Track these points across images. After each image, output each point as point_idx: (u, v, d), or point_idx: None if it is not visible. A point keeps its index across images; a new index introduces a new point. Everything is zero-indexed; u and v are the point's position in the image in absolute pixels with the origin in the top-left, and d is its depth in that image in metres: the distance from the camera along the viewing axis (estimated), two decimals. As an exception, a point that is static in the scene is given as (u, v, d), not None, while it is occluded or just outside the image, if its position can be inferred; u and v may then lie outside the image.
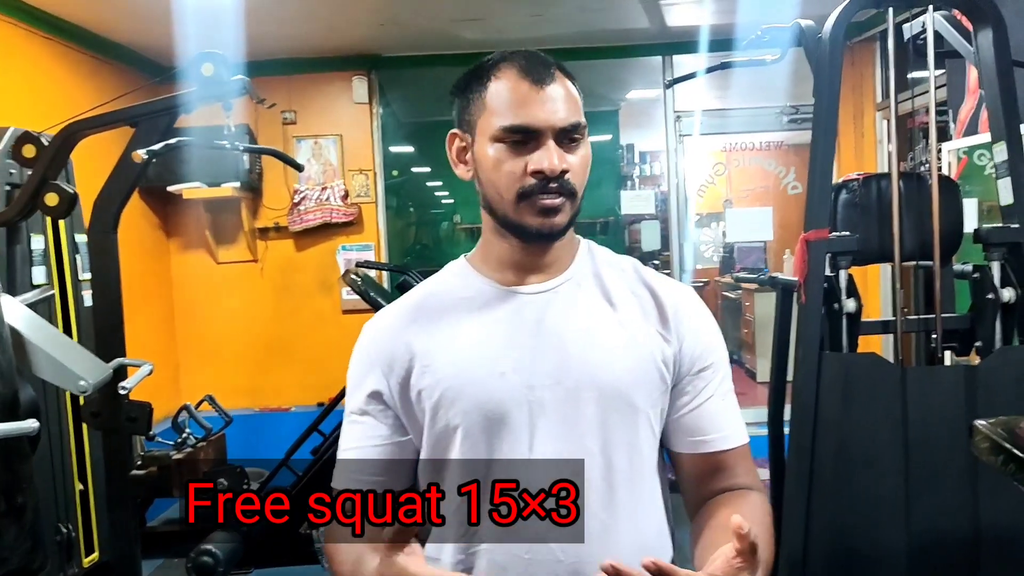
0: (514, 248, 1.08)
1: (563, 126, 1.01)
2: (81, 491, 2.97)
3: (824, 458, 2.21)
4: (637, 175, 7.71)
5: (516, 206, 1.02)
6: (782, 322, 2.62)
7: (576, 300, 1.08)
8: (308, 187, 4.86)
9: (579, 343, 1.05)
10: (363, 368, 1.10)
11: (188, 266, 5.02)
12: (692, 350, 1.09)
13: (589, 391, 1.03)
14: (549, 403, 1.02)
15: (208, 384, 4.92)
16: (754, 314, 6.47)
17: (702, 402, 1.09)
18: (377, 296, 3.58)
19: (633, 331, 1.07)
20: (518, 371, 1.03)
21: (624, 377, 1.04)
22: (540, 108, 1.00)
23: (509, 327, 1.06)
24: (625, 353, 1.05)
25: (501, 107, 1.02)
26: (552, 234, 1.04)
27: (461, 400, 1.03)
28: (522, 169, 1.01)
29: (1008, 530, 2.14)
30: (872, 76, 4.76)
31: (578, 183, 1.03)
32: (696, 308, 1.12)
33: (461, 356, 1.05)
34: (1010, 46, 2.24)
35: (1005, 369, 2.16)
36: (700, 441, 1.09)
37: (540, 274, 1.09)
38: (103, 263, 2.58)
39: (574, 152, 1.03)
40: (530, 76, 1.02)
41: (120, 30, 4.14)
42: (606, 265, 1.13)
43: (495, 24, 4.33)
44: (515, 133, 1.01)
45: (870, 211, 2.30)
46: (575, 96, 1.04)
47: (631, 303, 1.09)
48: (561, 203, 1.02)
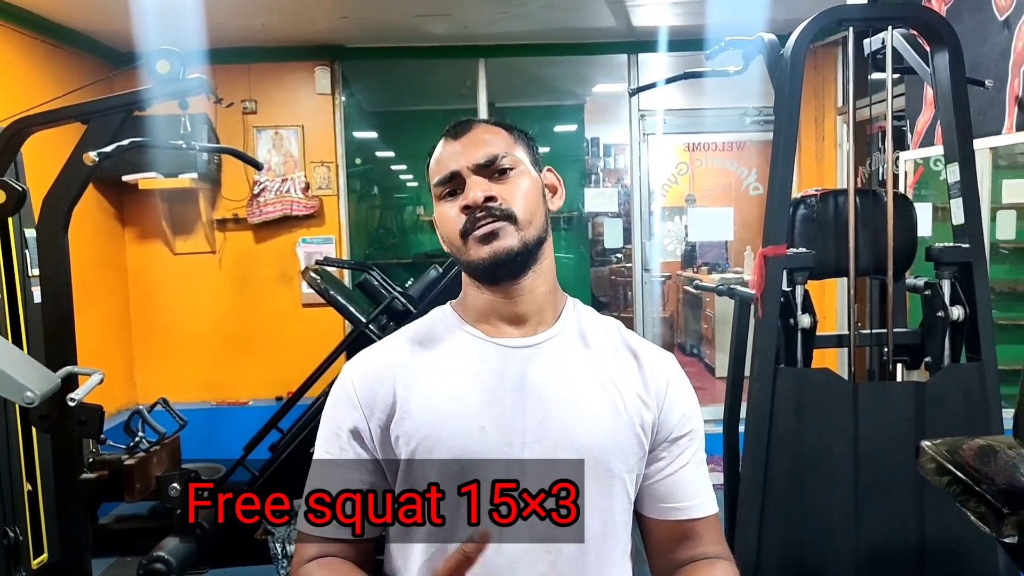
0: (489, 297, 1.08)
1: (480, 161, 1.06)
2: (30, 492, 2.91)
3: (778, 470, 2.24)
4: (602, 168, 7.72)
5: (464, 246, 1.05)
6: (739, 333, 2.65)
7: (560, 358, 1.08)
8: (268, 179, 4.79)
9: (561, 403, 1.04)
10: (344, 406, 1.08)
11: (144, 256, 4.92)
12: (671, 418, 1.09)
13: (567, 453, 1.02)
14: (527, 463, 1.02)
15: (164, 377, 4.86)
16: (714, 310, 6.54)
17: (676, 470, 1.09)
18: (337, 295, 3.54)
19: (615, 395, 1.07)
20: (498, 427, 1.03)
21: (603, 442, 1.04)
22: (459, 156, 1.07)
23: (491, 380, 1.05)
24: (606, 417, 1.05)
25: (434, 170, 1.10)
26: (503, 261, 1.04)
27: (438, 451, 1.02)
28: (457, 212, 1.06)
29: (952, 542, 2.20)
30: (834, 80, 4.81)
31: (517, 208, 1.05)
32: (677, 376, 1.13)
33: (441, 406, 1.04)
34: (965, 65, 2.28)
35: (952, 386, 2.21)
36: (671, 508, 1.09)
37: (522, 327, 1.09)
38: (53, 264, 2.52)
39: (504, 182, 1.06)
40: (451, 134, 1.10)
41: (75, 16, 4.02)
42: (591, 325, 1.13)
43: (461, 19, 4.29)
44: (443, 185, 1.08)
45: (827, 227, 2.33)
46: (501, 136, 1.09)
47: (614, 365, 1.09)
48: (499, 227, 1.03)
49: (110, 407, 3.44)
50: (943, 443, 1.71)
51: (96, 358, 4.02)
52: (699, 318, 7.24)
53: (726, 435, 2.80)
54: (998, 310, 3.97)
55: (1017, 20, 2.77)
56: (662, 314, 6.68)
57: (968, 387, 2.21)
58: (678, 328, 7.58)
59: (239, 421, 4.40)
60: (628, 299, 5.76)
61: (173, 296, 4.91)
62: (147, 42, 3.37)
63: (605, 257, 6.98)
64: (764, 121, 5.02)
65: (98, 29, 4.26)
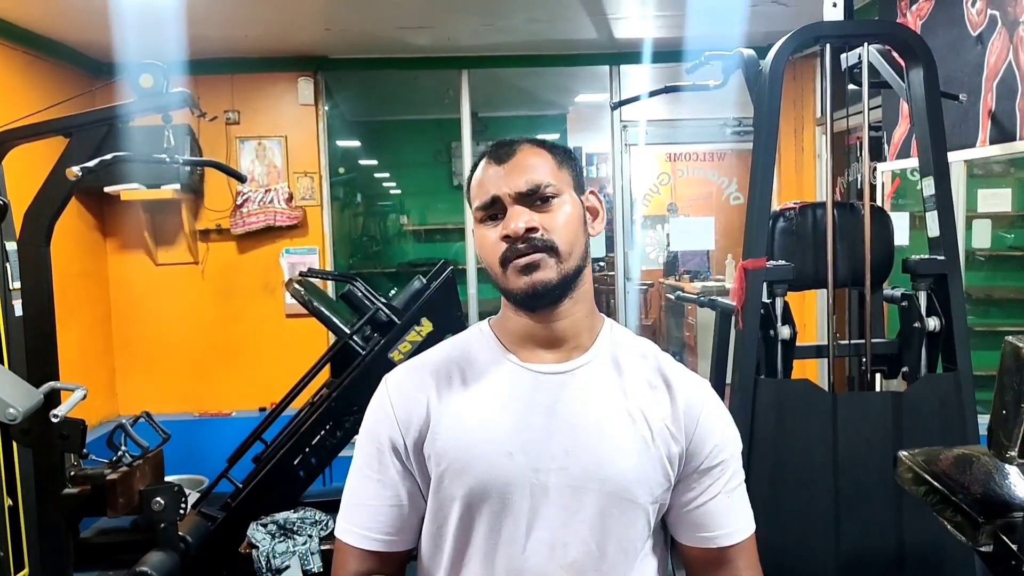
0: (524, 320, 1.09)
1: (523, 190, 1.05)
2: (10, 507, 2.89)
3: (759, 479, 2.27)
4: (584, 177, 7.76)
5: (503, 275, 1.06)
6: (720, 344, 2.68)
7: (591, 386, 1.08)
8: (251, 189, 4.78)
9: (589, 432, 1.05)
10: (382, 421, 1.10)
11: (126, 267, 4.89)
12: (700, 449, 1.09)
13: (593, 483, 1.04)
14: (553, 489, 1.03)
15: (146, 389, 4.83)
16: (696, 318, 6.58)
17: (708, 500, 1.10)
18: (321, 306, 3.54)
19: (643, 426, 1.07)
20: (526, 453, 1.04)
21: (629, 474, 1.05)
22: (501, 181, 1.06)
23: (522, 406, 1.06)
24: (633, 448, 1.06)
25: (475, 192, 1.09)
26: (542, 292, 1.04)
27: (466, 474, 1.04)
28: (498, 239, 1.05)
29: (930, 550, 2.23)
30: (813, 91, 4.87)
31: (559, 239, 1.04)
32: (710, 406, 1.12)
33: (471, 429, 1.06)
34: (939, 80, 2.33)
35: (929, 396, 2.25)
36: (704, 537, 1.10)
37: (557, 351, 1.10)
38: (35, 278, 2.52)
39: (547, 211, 1.06)
40: (494, 158, 1.09)
41: (56, 27, 4.00)
42: (626, 350, 1.13)
43: (445, 31, 4.31)
44: (485, 210, 1.07)
45: (805, 239, 2.37)
46: (546, 161, 1.08)
47: (646, 395, 1.09)
48: (538, 259, 1.03)
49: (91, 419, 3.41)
50: (920, 453, 1.75)
51: (77, 370, 4.00)
52: (681, 326, 7.29)
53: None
54: (974, 317, 4.03)
55: (990, 35, 2.83)
56: (644, 322, 6.72)
57: (944, 396, 2.25)
58: (660, 336, 7.61)
59: (222, 433, 4.38)
60: (611, 307, 5.78)
61: (155, 307, 4.88)
62: (130, 53, 3.37)
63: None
64: (743, 132, 5.08)
65: (80, 40, 4.24)
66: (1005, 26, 2.75)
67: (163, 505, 2.61)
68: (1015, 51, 2.70)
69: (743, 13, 3.85)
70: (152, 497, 2.62)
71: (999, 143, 2.81)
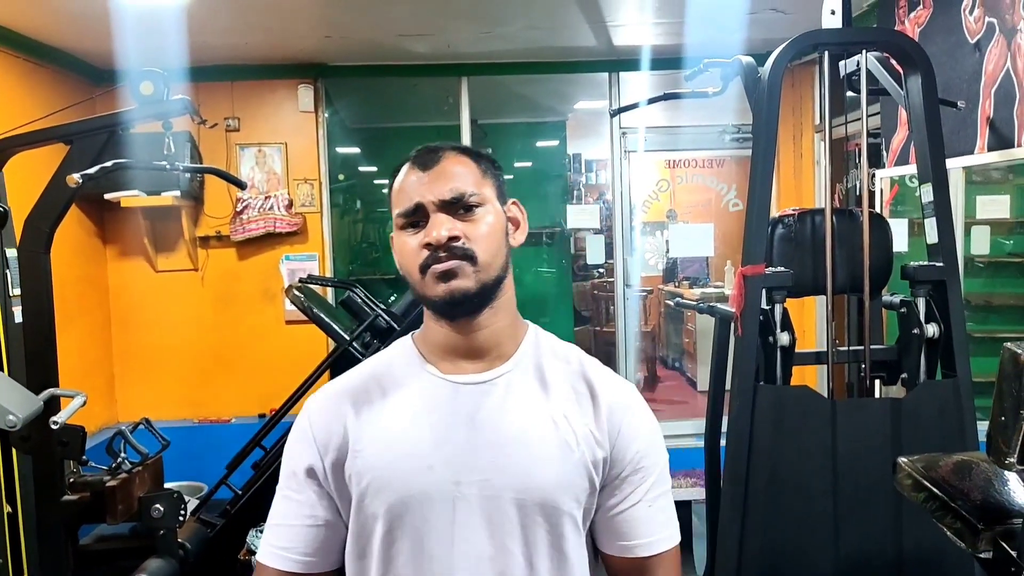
0: (446, 331, 1.08)
1: (446, 198, 1.04)
2: (9, 514, 2.88)
3: (758, 485, 2.28)
4: (583, 183, 7.78)
5: (422, 282, 1.05)
6: (719, 349, 2.68)
7: (513, 394, 1.07)
8: (251, 196, 4.78)
9: (510, 442, 1.04)
10: (301, 444, 1.10)
11: (125, 274, 4.89)
12: (623, 454, 1.08)
13: (514, 491, 1.03)
14: (475, 501, 1.03)
15: (145, 395, 4.83)
16: (696, 324, 6.59)
17: (629, 507, 1.08)
18: (320, 312, 3.54)
19: (566, 432, 1.06)
20: (446, 465, 1.03)
21: (551, 481, 1.04)
22: (424, 188, 1.05)
23: (442, 419, 1.06)
24: (556, 455, 1.05)
25: (397, 199, 1.08)
26: (460, 300, 1.04)
27: (387, 490, 1.03)
28: (419, 246, 1.04)
29: (929, 556, 2.24)
30: (811, 98, 4.88)
31: (479, 248, 1.04)
32: (635, 411, 1.10)
33: (392, 445, 1.05)
34: (937, 87, 2.34)
35: (928, 402, 2.26)
36: (625, 546, 1.09)
37: (478, 361, 1.09)
38: (35, 285, 2.52)
39: (470, 220, 1.05)
40: (418, 164, 1.07)
41: (56, 34, 4.01)
42: (550, 355, 1.12)
43: (444, 39, 4.33)
44: (407, 217, 1.06)
45: (804, 246, 2.38)
46: (470, 170, 1.07)
47: (569, 400, 1.08)
48: (456, 266, 1.03)
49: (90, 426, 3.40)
50: (920, 459, 1.75)
51: (76, 376, 3.99)
52: (680, 332, 7.30)
53: (707, 451, 2.83)
54: (973, 323, 4.04)
55: (988, 43, 2.84)
56: (644, 328, 6.73)
57: (943, 403, 2.25)
58: (660, 342, 7.63)
59: (221, 439, 4.39)
60: (610, 313, 5.78)
61: (155, 313, 4.88)
62: (130, 60, 3.38)
63: (587, 272, 7.02)
64: (742, 138, 5.09)
65: (80, 47, 4.25)
66: (1003, 33, 2.76)
67: (162, 512, 2.61)
68: (1013, 58, 2.71)
69: (742, 20, 3.86)
70: (151, 504, 2.62)
71: (997, 150, 2.81)
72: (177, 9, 3.54)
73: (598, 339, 6.50)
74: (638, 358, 5.66)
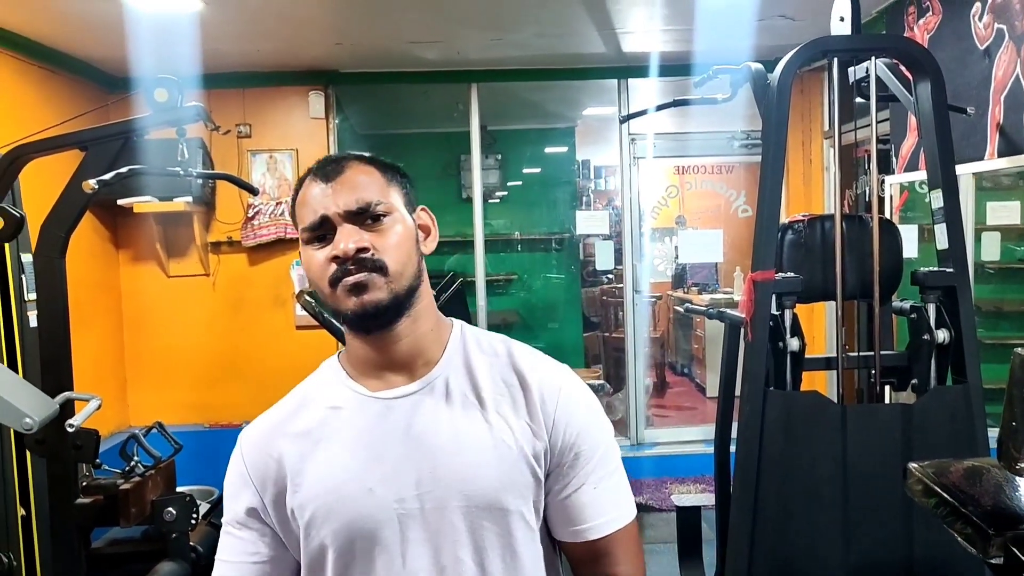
0: (365, 345, 1.06)
1: (352, 208, 1.01)
2: (23, 516, 2.91)
3: (768, 491, 2.27)
4: (593, 190, 7.79)
5: (333, 296, 1.01)
6: (729, 356, 2.68)
7: (443, 401, 1.05)
8: (262, 202, 4.82)
9: (446, 450, 1.02)
10: (238, 484, 1.08)
11: (138, 279, 4.93)
12: (561, 440, 1.06)
13: (457, 500, 1.01)
14: (418, 515, 1.01)
15: (157, 400, 4.86)
16: (705, 330, 6.58)
17: (573, 491, 1.07)
18: (331, 317, 3.56)
19: (502, 430, 1.04)
20: (386, 484, 1.01)
21: (492, 482, 1.02)
22: (328, 200, 1.01)
23: (375, 438, 1.03)
24: (494, 456, 1.03)
25: (301, 213, 1.04)
26: (372, 312, 1.00)
27: (331, 519, 1.01)
28: (327, 260, 1.01)
29: (940, 562, 2.23)
30: (821, 104, 4.89)
31: (389, 258, 1.01)
32: (567, 393, 1.07)
33: (329, 472, 1.02)
34: (947, 93, 2.34)
35: (938, 409, 2.25)
36: (575, 530, 1.08)
37: (404, 373, 1.06)
38: (50, 289, 2.54)
39: (377, 230, 1.02)
40: (320, 176, 1.04)
41: (72, 42, 4.06)
42: (477, 352, 1.10)
43: (454, 45, 4.35)
44: (313, 231, 1.02)
45: (814, 251, 2.38)
46: (375, 179, 1.04)
47: (501, 396, 1.06)
48: (366, 279, 0.99)
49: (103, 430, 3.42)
50: (930, 465, 1.75)
51: (89, 380, 4.02)
52: (690, 338, 7.29)
53: (717, 456, 2.83)
54: (984, 330, 4.02)
55: (997, 49, 2.85)
56: (653, 334, 6.73)
57: (954, 409, 2.25)
58: (669, 348, 7.63)
59: (233, 443, 4.39)
60: (619, 319, 5.79)
61: (167, 318, 4.92)
62: (144, 68, 3.42)
63: (596, 278, 7.03)
64: (752, 144, 5.10)
65: (95, 55, 4.29)
66: (1012, 40, 2.76)
67: (175, 515, 2.62)
68: (1022, 64, 2.71)
69: (751, 27, 3.88)
70: (164, 507, 2.63)
71: (1007, 156, 2.82)
72: (190, 17, 3.58)
73: (607, 345, 6.50)
74: (647, 364, 5.67)
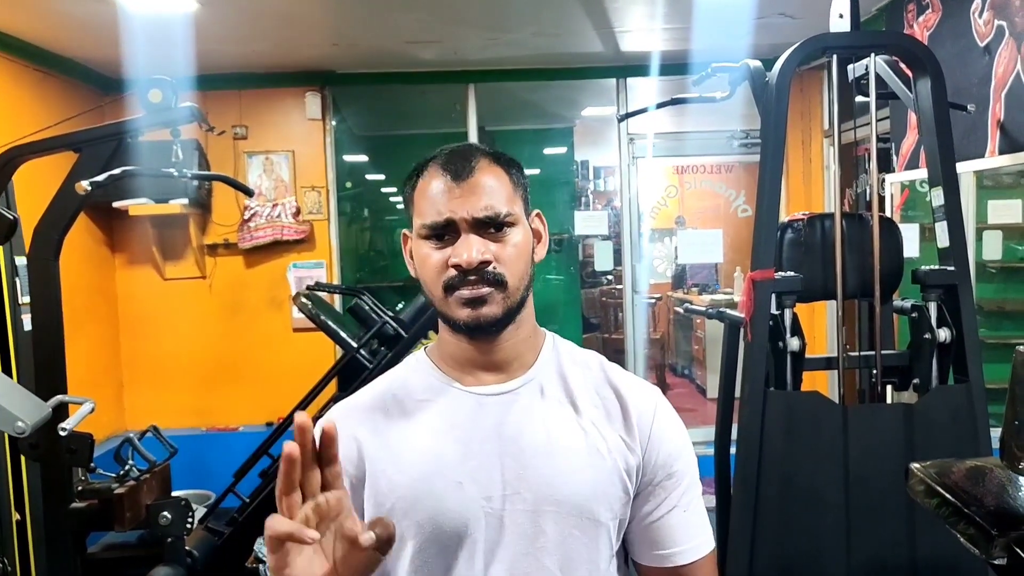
0: (464, 345, 1.04)
1: (479, 217, 0.99)
2: (18, 521, 2.89)
3: (768, 491, 2.25)
4: (592, 190, 7.78)
5: (445, 300, 1.00)
6: (729, 355, 2.66)
7: (538, 404, 1.03)
8: (259, 204, 4.80)
9: (540, 452, 1.00)
10: None
11: (134, 282, 4.91)
12: (656, 458, 1.04)
13: (549, 505, 0.99)
14: (508, 516, 0.99)
15: (153, 403, 4.83)
16: (705, 331, 6.56)
17: (664, 513, 1.05)
18: (328, 319, 3.54)
19: (596, 439, 1.02)
20: (476, 481, 0.99)
21: (585, 491, 1.00)
22: (456, 202, 0.99)
23: (467, 433, 1.01)
24: (587, 464, 1.01)
25: (424, 206, 1.01)
26: (485, 327, 1.00)
27: (415, 511, 0.99)
28: (444, 263, 0.99)
29: (942, 563, 2.21)
30: (820, 103, 4.87)
31: (508, 272, 1.00)
32: (663, 414, 1.07)
33: (416, 463, 1.00)
34: (947, 91, 2.32)
35: (940, 408, 2.23)
36: (661, 555, 1.05)
37: (500, 373, 1.05)
38: (44, 292, 2.52)
39: (501, 241, 1.00)
40: (449, 171, 1.00)
41: (66, 44, 4.04)
42: (571, 363, 1.08)
43: (451, 45, 4.33)
44: (435, 229, 1.00)
45: (814, 250, 2.36)
46: (504, 184, 1.02)
47: (596, 407, 1.05)
48: (486, 293, 0.98)
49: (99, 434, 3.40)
50: (932, 465, 1.72)
51: (85, 384, 4.00)
52: (690, 339, 7.27)
53: (717, 457, 2.80)
54: (986, 329, 4.01)
55: (997, 46, 2.82)
56: (652, 335, 6.71)
57: (956, 408, 2.23)
58: (669, 349, 7.60)
59: (229, 447, 4.38)
60: (619, 320, 5.77)
61: (163, 322, 4.89)
62: (139, 69, 3.39)
63: (596, 279, 7.01)
64: (751, 144, 5.07)
65: (89, 56, 4.27)
66: (1013, 37, 2.74)
67: (170, 519, 2.60)
68: (1023, 61, 2.69)
69: (750, 26, 3.86)
70: (159, 511, 2.61)
71: (1008, 153, 2.79)
72: (185, 18, 3.56)
73: (607, 346, 6.49)
74: (647, 365, 5.64)
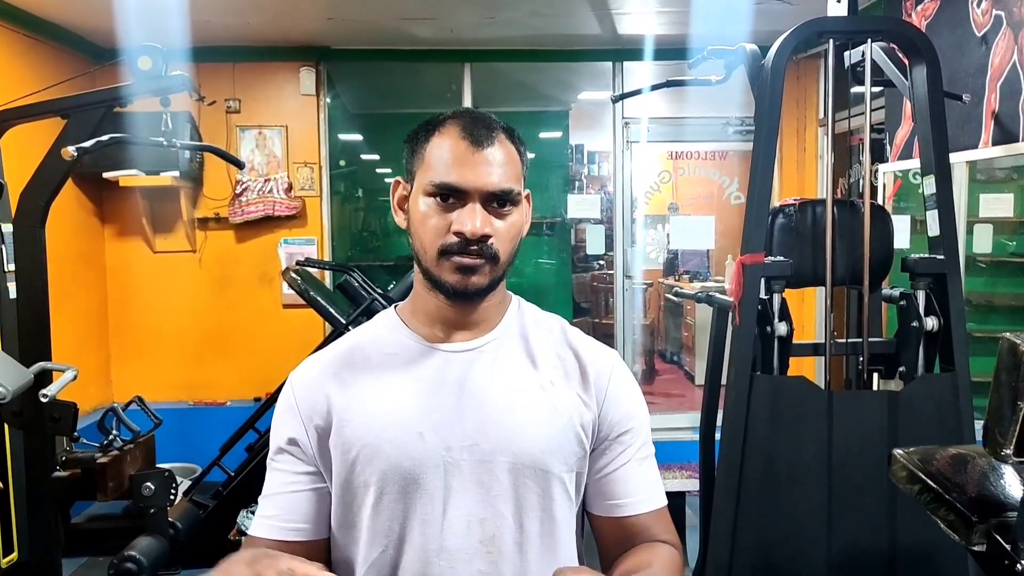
0: (440, 304, 1.08)
1: (492, 191, 1.02)
2: (1, 490, 2.88)
3: (752, 475, 2.26)
4: (585, 174, 7.75)
5: (437, 262, 1.03)
6: (716, 340, 2.66)
7: (500, 360, 1.08)
8: (251, 178, 4.76)
9: (499, 406, 1.05)
10: (284, 414, 1.10)
11: (123, 253, 4.88)
12: (611, 415, 1.10)
13: (504, 456, 1.03)
14: (465, 466, 1.03)
15: (140, 376, 4.82)
16: (695, 318, 6.57)
17: (619, 466, 1.10)
18: (317, 295, 3.53)
19: (554, 395, 1.07)
20: (437, 432, 1.03)
21: (540, 444, 1.05)
22: (472, 170, 1.01)
23: (430, 386, 1.06)
24: (544, 418, 1.06)
25: (436, 163, 1.03)
26: (468, 294, 1.04)
27: (377, 459, 1.03)
28: (446, 227, 1.02)
29: (923, 549, 2.22)
30: (816, 92, 4.86)
31: (502, 249, 1.04)
32: (619, 373, 1.12)
33: (380, 414, 1.04)
34: (943, 80, 2.31)
35: (925, 396, 2.24)
36: (615, 505, 1.10)
37: (466, 331, 1.09)
38: (29, 259, 2.50)
39: (502, 217, 1.04)
40: (469, 136, 1.02)
41: (58, 11, 3.99)
42: (533, 324, 1.13)
43: (447, 23, 4.30)
44: (444, 190, 1.02)
45: (805, 236, 2.36)
46: (515, 161, 1.05)
47: (555, 365, 1.10)
48: (480, 264, 1.02)
49: (85, 405, 3.39)
50: (916, 452, 1.73)
51: (72, 356, 3.97)
52: (680, 326, 7.28)
53: (702, 442, 2.81)
54: (974, 323, 4.02)
55: (994, 36, 2.82)
56: (643, 321, 6.71)
57: (941, 397, 2.23)
58: (659, 335, 7.61)
59: (216, 421, 4.37)
60: (609, 306, 5.77)
61: (152, 294, 4.87)
62: (131, 38, 3.35)
63: (587, 263, 7.00)
64: (746, 131, 5.05)
65: (81, 24, 4.22)
66: (1010, 27, 2.73)
67: (153, 490, 2.60)
68: (1020, 52, 2.69)
69: (747, 11, 3.84)
70: (142, 482, 2.61)
71: (1002, 144, 2.79)
72: (179, -13, 3.52)
73: (597, 331, 6.48)
74: (636, 351, 5.65)
